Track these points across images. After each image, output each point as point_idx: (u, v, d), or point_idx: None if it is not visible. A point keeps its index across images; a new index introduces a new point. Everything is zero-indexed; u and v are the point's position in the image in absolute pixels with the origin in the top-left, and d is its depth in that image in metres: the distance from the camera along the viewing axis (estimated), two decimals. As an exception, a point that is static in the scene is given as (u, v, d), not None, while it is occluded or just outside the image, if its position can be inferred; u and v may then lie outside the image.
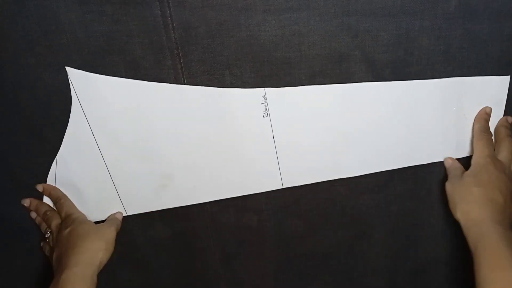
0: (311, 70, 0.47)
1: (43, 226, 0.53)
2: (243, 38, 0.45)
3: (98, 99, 0.47)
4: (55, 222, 0.51)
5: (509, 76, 0.49)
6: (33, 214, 0.53)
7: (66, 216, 0.51)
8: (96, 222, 0.53)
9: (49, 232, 0.52)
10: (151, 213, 0.54)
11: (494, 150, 0.50)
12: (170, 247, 0.57)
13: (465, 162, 0.53)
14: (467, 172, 0.49)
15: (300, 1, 0.43)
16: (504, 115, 0.51)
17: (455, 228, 0.56)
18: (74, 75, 0.45)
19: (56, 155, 0.50)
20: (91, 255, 0.47)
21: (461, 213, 0.47)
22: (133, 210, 0.53)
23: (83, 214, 0.52)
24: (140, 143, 0.49)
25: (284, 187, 0.53)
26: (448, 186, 0.50)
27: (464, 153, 0.53)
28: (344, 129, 0.50)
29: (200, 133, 0.49)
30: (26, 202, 0.52)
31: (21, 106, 0.47)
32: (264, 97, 0.48)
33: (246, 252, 0.52)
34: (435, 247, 0.57)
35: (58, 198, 0.52)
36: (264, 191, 0.53)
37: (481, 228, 0.45)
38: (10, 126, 0.48)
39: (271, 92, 0.48)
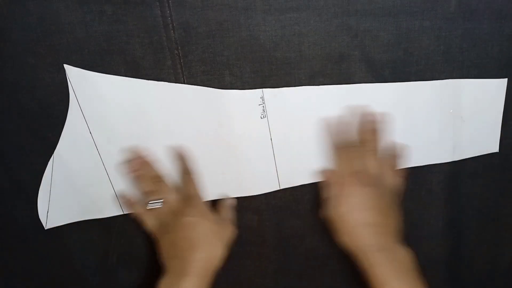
0: (311, 70, 0.47)
1: (146, 189, 0.48)
2: (243, 38, 0.45)
3: (96, 97, 0.47)
4: (173, 196, 0.47)
5: (506, 79, 0.49)
6: (134, 169, 0.48)
7: (190, 197, 0.47)
8: (95, 223, 0.53)
9: (160, 203, 0.47)
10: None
11: (356, 162, 0.47)
12: (170, 247, 0.57)
13: (465, 163, 0.53)
14: (334, 200, 0.46)
15: (300, 1, 0.43)
16: (502, 118, 0.51)
17: (455, 228, 0.57)
18: (72, 72, 0.45)
19: (56, 155, 0.50)
20: (210, 264, 0.45)
21: (343, 243, 0.45)
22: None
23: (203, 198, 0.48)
24: (138, 141, 0.49)
25: (281, 188, 0.53)
26: (322, 215, 0.47)
27: (461, 155, 0.53)
28: None
29: (197, 133, 0.49)
30: (135, 162, 0.47)
31: (21, 106, 0.47)
32: (262, 98, 0.48)
33: (246, 252, 0.52)
34: (435, 247, 0.57)
35: (188, 171, 0.48)
36: (261, 193, 0.53)
37: (365, 257, 0.43)
38: (10, 126, 0.48)
39: (269, 93, 0.48)
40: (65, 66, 0.45)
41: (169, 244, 0.47)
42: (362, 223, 0.44)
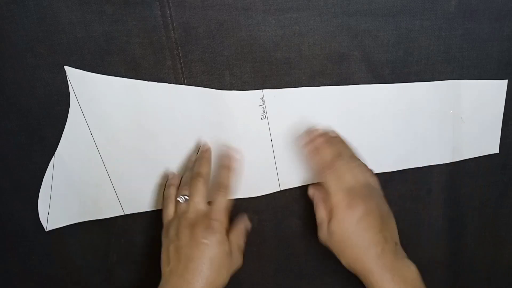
0: (311, 70, 0.47)
1: (184, 182, 0.47)
2: (243, 38, 0.45)
3: (97, 98, 0.47)
4: (198, 200, 0.45)
5: (506, 81, 0.49)
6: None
7: (210, 217, 0.44)
8: (95, 222, 0.53)
9: (185, 198, 0.45)
10: (151, 213, 0.54)
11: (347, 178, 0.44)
12: (170, 247, 0.57)
13: (465, 163, 0.53)
14: (332, 227, 0.43)
15: (300, 1, 0.43)
16: (503, 119, 0.51)
17: (455, 228, 0.57)
18: (73, 74, 0.45)
19: (56, 155, 0.50)
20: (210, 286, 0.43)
21: (349, 267, 0.44)
22: (131, 209, 0.53)
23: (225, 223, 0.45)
24: (138, 142, 0.49)
25: (281, 189, 0.53)
26: (321, 240, 0.46)
27: (461, 156, 0.53)
28: (341, 131, 0.50)
29: (197, 134, 0.49)
30: (205, 146, 0.47)
31: (20, 106, 0.47)
32: (262, 99, 0.48)
33: (246, 252, 0.52)
34: (435, 247, 0.57)
35: (222, 185, 0.46)
36: (261, 194, 0.53)
37: (373, 281, 0.42)
38: (10, 126, 0.48)
39: (269, 94, 0.48)
40: (66, 67, 0.45)
41: (173, 255, 0.44)
42: (366, 245, 0.42)
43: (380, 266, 0.42)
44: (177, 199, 0.47)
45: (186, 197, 0.46)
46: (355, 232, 0.42)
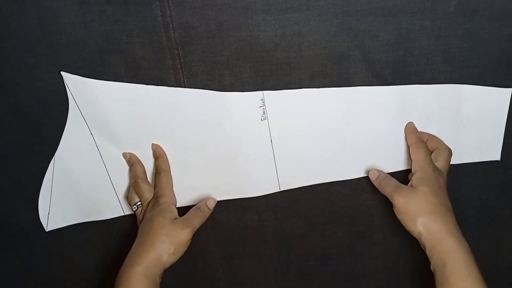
0: (311, 70, 0.47)
1: (132, 194, 0.51)
2: (243, 38, 0.45)
3: (95, 103, 0.47)
4: (146, 196, 0.50)
5: (510, 89, 0.49)
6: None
7: (156, 197, 0.49)
8: (95, 222, 0.53)
9: (137, 206, 0.50)
10: (151, 213, 0.54)
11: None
12: (170, 247, 0.57)
13: (464, 165, 0.53)
14: (418, 182, 0.46)
15: (300, 1, 0.43)
16: (505, 127, 0.51)
17: (455, 228, 0.57)
18: (70, 79, 0.45)
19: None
20: (156, 256, 0.45)
21: (423, 226, 0.44)
22: (130, 209, 0.53)
23: (172, 198, 0.50)
24: (139, 143, 0.49)
25: (280, 190, 0.53)
26: (399, 199, 0.46)
27: (460, 160, 0.53)
28: (341, 132, 0.50)
29: (198, 136, 0.49)
30: (126, 156, 0.50)
31: (20, 106, 0.47)
32: (262, 100, 0.48)
33: (246, 252, 0.52)
34: (435, 247, 0.57)
35: (161, 171, 0.50)
36: (261, 194, 0.53)
37: (448, 244, 0.43)
38: (10, 126, 0.48)
39: (269, 95, 0.48)
40: (62, 73, 0.45)
41: (138, 235, 0.48)
42: (445, 207, 0.45)
43: (457, 229, 0.44)
44: (134, 210, 0.51)
45: (138, 204, 0.51)
46: (441, 192, 0.46)
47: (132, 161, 0.50)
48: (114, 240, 0.55)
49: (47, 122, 0.48)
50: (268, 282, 0.59)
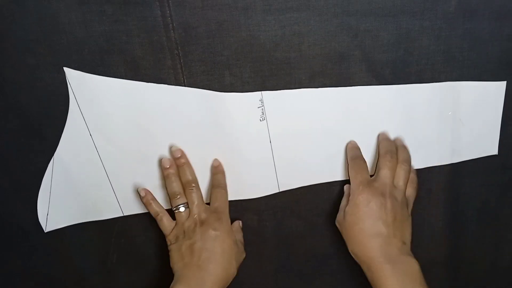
0: (311, 70, 0.47)
1: (174, 190, 0.48)
2: (243, 38, 0.45)
3: (96, 100, 0.47)
4: (198, 203, 0.48)
5: (505, 82, 0.49)
6: (168, 170, 0.48)
7: (216, 212, 0.48)
8: (95, 222, 0.53)
9: (185, 206, 0.48)
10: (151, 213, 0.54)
11: (369, 175, 0.48)
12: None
13: (465, 163, 0.53)
14: (346, 209, 0.47)
15: (300, 1, 0.43)
16: (502, 120, 0.51)
17: (455, 228, 0.57)
18: (72, 75, 0.45)
19: (56, 155, 0.50)
20: (224, 281, 0.46)
21: (353, 253, 0.46)
22: (130, 210, 0.53)
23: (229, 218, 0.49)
24: (137, 143, 0.49)
25: (280, 190, 0.53)
26: (337, 224, 0.49)
27: (460, 158, 0.53)
28: (341, 132, 0.50)
29: (196, 136, 0.49)
30: (166, 162, 0.48)
31: (20, 106, 0.47)
32: (261, 100, 0.48)
33: (246, 252, 0.52)
34: (435, 247, 0.57)
35: (220, 185, 0.49)
36: (261, 195, 0.53)
37: (373, 269, 0.44)
38: (10, 126, 0.48)
39: (268, 95, 0.48)
40: (65, 69, 0.45)
41: (186, 251, 0.47)
42: (370, 234, 0.45)
43: (382, 255, 0.44)
44: (177, 211, 0.48)
45: (184, 205, 0.48)
46: (365, 217, 0.45)
47: (183, 161, 0.49)
48: (114, 240, 0.55)
49: (47, 122, 0.48)
50: (268, 282, 0.59)
